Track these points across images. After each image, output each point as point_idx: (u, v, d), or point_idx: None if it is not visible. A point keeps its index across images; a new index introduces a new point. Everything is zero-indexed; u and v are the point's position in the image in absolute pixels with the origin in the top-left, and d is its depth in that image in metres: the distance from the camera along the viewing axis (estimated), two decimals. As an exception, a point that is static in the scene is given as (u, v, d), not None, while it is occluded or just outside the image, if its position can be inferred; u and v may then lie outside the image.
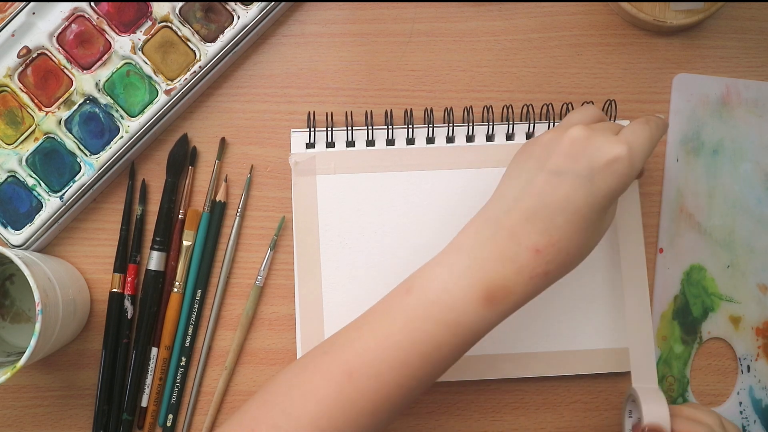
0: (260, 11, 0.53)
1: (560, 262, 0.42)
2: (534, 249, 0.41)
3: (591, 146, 0.41)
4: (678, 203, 0.55)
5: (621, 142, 0.41)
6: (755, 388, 0.55)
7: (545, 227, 0.41)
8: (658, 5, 0.54)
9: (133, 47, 0.53)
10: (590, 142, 0.42)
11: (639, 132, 0.43)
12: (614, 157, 0.41)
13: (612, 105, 0.53)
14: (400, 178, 0.54)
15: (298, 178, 0.54)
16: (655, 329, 0.55)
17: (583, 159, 0.41)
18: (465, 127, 0.54)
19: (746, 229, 0.55)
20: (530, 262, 0.41)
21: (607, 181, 0.41)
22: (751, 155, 0.56)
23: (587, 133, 0.42)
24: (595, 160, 0.41)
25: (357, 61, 0.56)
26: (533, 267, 0.41)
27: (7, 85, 0.53)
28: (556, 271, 0.42)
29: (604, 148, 0.41)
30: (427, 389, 0.43)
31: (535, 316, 0.54)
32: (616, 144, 0.41)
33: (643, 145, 0.43)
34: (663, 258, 0.55)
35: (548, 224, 0.41)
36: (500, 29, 0.56)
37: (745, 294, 0.55)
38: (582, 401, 0.55)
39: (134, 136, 0.53)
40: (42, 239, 0.53)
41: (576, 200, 0.41)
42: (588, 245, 0.43)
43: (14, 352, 0.52)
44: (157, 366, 0.54)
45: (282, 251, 0.55)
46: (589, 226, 0.42)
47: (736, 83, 0.56)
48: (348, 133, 0.54)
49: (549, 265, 0.41)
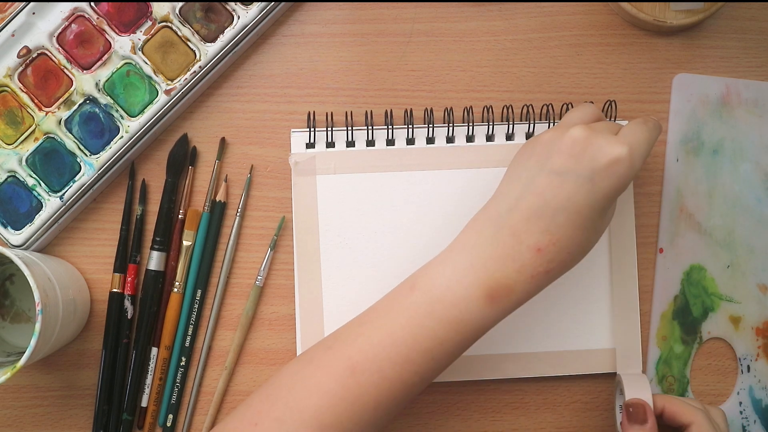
0: (260, 11, 0.53)
1: (561, 260, 0.42)
2: (535, 248, 0.41)
3: (592, 147, 0.42)
4: (678, 203, 0.55)
5: (622, 143, 0.42)
6: (755, 388, 0.55)
7: (546, 226, 0.41)
8: (658, 5, 0.54)
9: (133, 47, 0.53)
10: (591, 142, 0.42)
11: (638, 132, 0.43)
12: (615, 158, 0.41)
13: (612, 105, 0.53)
14: (400, 178, 0.54)
15: (298, 178, 0.54)
16: (655, 329, 0.55)
17: (585, 159, 0.41)
18: (465, 127, 0.54)
19: (746, 229, 0.55)
20: (532, 261, 0.41)
21: (608, 181, 0.41)
22: (751, 155, 0.56)
23: (588, 133, 0.42)
24: (597, 161, 0.41)
25: (357, 61, 0.56)
26: (535, 266, 0.41)
27: (7, 85, 0.53)
28: (557, 269, 0.42)
29: (606, 149, 0.41)
30: (428, 384, 0.44)
31: (536, 317, 0.54)
32: (617, 145, 0.42)
33: (643, 145, 0.43)
34: (663, 258, 0.55)
35: (549, 223, 0.41)
36: (500, 29, 0.56)
37: (745, 294, 0.55)
38: (582, 401, 0.55)
39: (134, 136, 0.53)
40: (42, 239, 0.53)
41: (577, 200, 0.41)
42: (588, 244, 0.43)
43: (14, 352, 0.52)
44: (157, 366, 0.54)
45: (282, 251, 0.55)
46: (589, 226, 0.42)
47: (736, 83, 0.56)
48: (348, 133, 0.54)
49: (550, 264, 0.42)
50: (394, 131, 0.54)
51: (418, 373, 0.42)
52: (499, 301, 0.41)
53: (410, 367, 0.42)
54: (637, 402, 0.49)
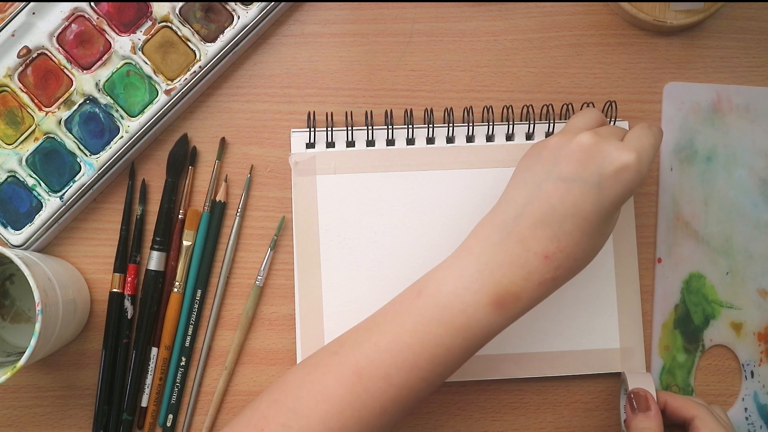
0: (260, 11, 0.53)
1: (568, 267, 0.42)
2: (543, 255, 0.41)
3: (600, 153, 0.42)
4: (674, 212, 0.55)
5: (629, 150, 0.42)
6: (760, 393, 0.55)
7: (554, 233, 0.41)
8: (658, 5, 0.54)
9: (133, 47, 0.53)
10: (599, 148, 0.42)
11: (644, 138, 0.44)
12: (623, 164, 0.41)
13: (612, 106, 0.53)
14: (400, 179, 0.54)
15: (298, 178, 0.54)
16: (657, 339, 0.55)
17: (592, 166, 0.42)
18: (465, 127, 0.54)
19: (743, 235, 0.55)
20: (539, 268, 0.41)
21: (616, 188, 0.42)
22: (744, 161, 0.56)
23: (596, 139, 0.42)
24: (604, 168, 0.41)
25: (357, 61, 0.56)
26: (542, 273, 0.41)
27: (7, 85, 0.53)
28: (563, 276, 0.42)
29: (613, 155, 0.42)
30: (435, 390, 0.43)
31: (537, 317, 0.53)
32: (625, 151, 0.42)
33: (649, 151, 0.43)
34: (662, 268, 0.55)
35: (557, 230, 0.41)
36: (500, 29, 0.56)
37: (745, 300, 0.55)
38: (582, 401, 0.55)
39: (134, 136, 0.53)
40: (42, 239, 0.53)
41: (584, 207, 0.41)
42: (594, 250, 0.43)
43: (14, 352, 0.52)
44: (157, 366, 0.54)
45: (282, 251, 0.55)
46: (596, 232, 0.42)
47: (726, 89, 0.56)
48: (348, 133, 0.54)
49: (557, 271, 0.42)
50: (394, 131, 0.54)
51: (425, 379, 0.42)
52: (506, 308, 0.41)
53: (417, 373, 0.42)
54: (641, 391, 0.50)
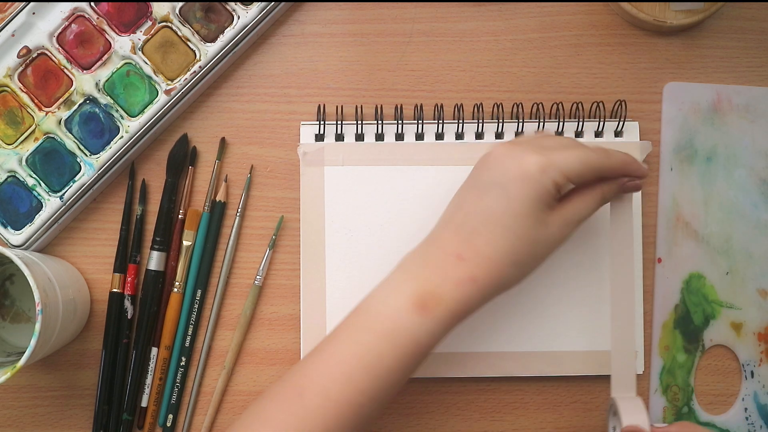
0: (260, 11, 0.53)
1: (487, 268, 0.43)
2: (456, 255, 0.43)
3: (509, 159, 0.44)
4: (674, 212, 0.55)
5: (539, 154, 0.43)
6: (760, 393, 0.55)
7: (467, 234, 0.43)
8: (658, 5, 0.54)
9: (133, 47, 0.53)
10: (512, 154, 0.44)
11: (569, 149, 0.45)
12: (526, 166, 0.43)
13: (622, 105, 0.54)
14: (407, 173, 0.54)
15: (307, 168, 0.54)
16: (657, 339, 0.55)
17: (502, 169, 0.44)
18: (474, 124, 0.54)
19: (743, 235, 0.55)
20: (455, 268, 0.43)
21: (520, 188, 0.43)
22: (744, 161, 0.56)
23: (509, 147, 0.45)
24: (510, 170, 0.43)
25: (357, 61, 0.56)
26: (458, 272, 0.43)
27: (7, 85, 0.53)
28: (485, 277, 0.43)
29: (520, 159, 0.43)
30: (381, 411, 0.44)
31: (537, 316, 0.54)
32: (533, 155, 0.43)
33: (568, 162, 0.44)
34: (662, 267, 0.55)
35: (470, 233, 0.43)
36: (500, 29, 0.56)
37: (745, 300, 0.55)
38: (582, 401, 0.55)
39: (134, 136, 0.53)
40: (42, 239, 0.53)
41: (495, 209, 0.43)
42: (521, 254, 0.43)
43: (14, 352, 0.52)
44: (157, 366, 0.54)
45: (282, 251, 0.55)
46: (511, 235, 0.43)
47: (726, 89, 0.56)
48: (358, 127, 0.54)
49: (475, 270, 0.43)
50: (403, 126, 0.54)
51: (363, 392, 0.42)
52: (429, 310, 0.42)
53: (354, 386, 0.42)
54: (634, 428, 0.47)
